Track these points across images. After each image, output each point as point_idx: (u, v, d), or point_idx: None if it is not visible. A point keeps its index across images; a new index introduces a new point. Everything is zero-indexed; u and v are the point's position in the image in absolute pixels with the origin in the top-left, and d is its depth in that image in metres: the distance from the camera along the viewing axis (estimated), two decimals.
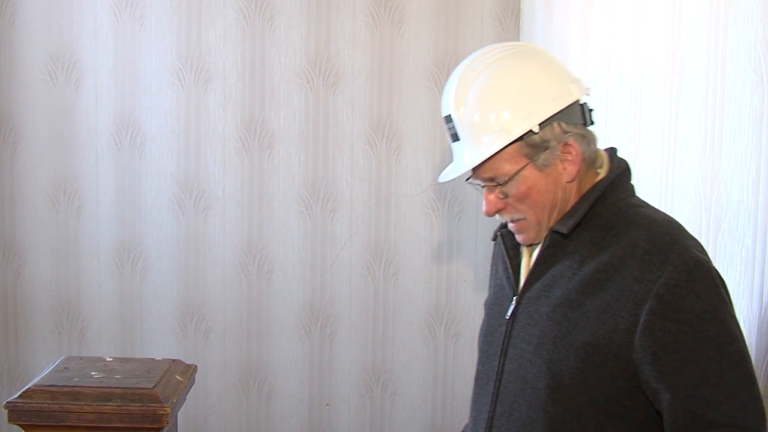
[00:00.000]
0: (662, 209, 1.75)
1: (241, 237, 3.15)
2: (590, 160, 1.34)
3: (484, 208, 1.35)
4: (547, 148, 1.29)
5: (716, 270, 1.23)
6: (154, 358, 2.28)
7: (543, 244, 1.35)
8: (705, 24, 1.56)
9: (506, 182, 1.30)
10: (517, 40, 3.07)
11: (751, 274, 1.38)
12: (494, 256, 1.55)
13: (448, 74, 3.05)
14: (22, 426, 1.94)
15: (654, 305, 1.18)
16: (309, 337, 3.19)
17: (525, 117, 1.28)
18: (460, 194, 3.14)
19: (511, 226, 1.37)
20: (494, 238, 1.51)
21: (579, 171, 1.31)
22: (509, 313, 1.37)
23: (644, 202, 1.35)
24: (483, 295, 1.70)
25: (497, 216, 1.37)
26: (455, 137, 1.34)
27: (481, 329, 1.50)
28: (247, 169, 3.12)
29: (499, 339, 1.38)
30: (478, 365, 1.47)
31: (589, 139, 1.33)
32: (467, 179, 1.38)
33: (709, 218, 1.53)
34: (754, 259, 1.37)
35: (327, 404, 3.21)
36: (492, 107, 1.29)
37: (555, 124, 1.29)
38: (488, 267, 3.16)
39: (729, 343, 1.18)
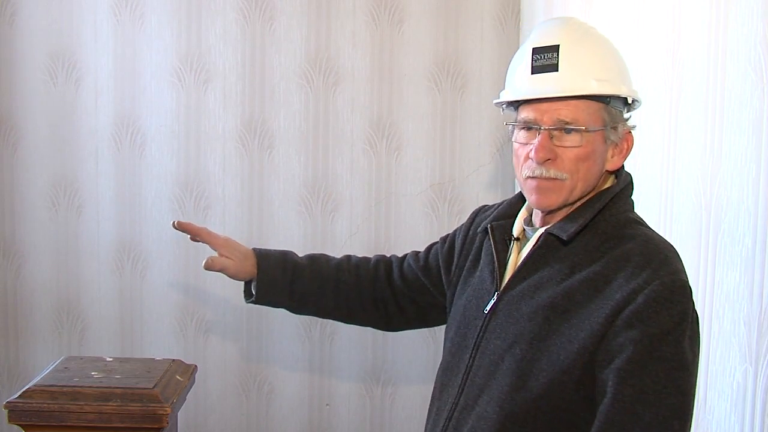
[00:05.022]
0: (662, 209, 1.75)
1: (241, 237, 3.15)
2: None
3: (537, 153, 1.29)
4: (615, 127, 1.30)
5: (694, 306, 1.22)
6: (154, 358, 2.28)
7: (535, 243, 1.33)
8: (705, 24, 1.56)
9: (586, 131, 1.27)
10: (518, 40, 3.07)
11: (751, 274, 1.38)
12: (470, 246, 1.54)
13: (448, 74, 3.09)
14: (22, 426, 1.94)
15: (628, 311, 1.17)
16: (309, 337, 3.19)
17: (625, 84, 1.32)
18: (460, 194, 3.14)
19: (538, 182, 1.31)
20: (471, 225, 1.53)
21: (619, 168, 1.34)
22: (488, 308, 1.36)
23: (643, 220, 1.35)
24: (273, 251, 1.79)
25: (528, 168, 1.31)
26: (549, 68, 1.30)
27: (453, 320, 1.49)
28: (247, 169, 3.12)
29: (473, 332, 1.38)
30: (447, 356, 1.46)
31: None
32: (509, 123, 1.37)
33: (709, 218, 1.53)
34: (754, 259, 1.37)
35: (327, 404, 3.21)
36: (608, 59, 1.32)
37: (625, 112, 1.34)
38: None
39: (681, 371, 1.15)
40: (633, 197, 1.39)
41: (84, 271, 3.15)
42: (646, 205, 1.81)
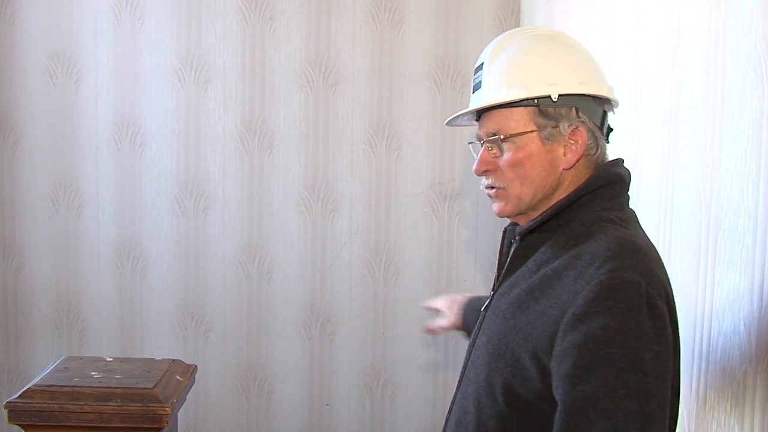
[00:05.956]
0: (662, 209, 1.75)
1: (241, 237, 3.15)
2: (593, 164, 1.34)
3: (476, 167, 1.36)
4: (556, 125, 1.30)
5: (657, 300, 1.15)
6: (154, 358, 2.28)
7: (517, 243, 1.37)
8: (705, 24, 1.56)
9: (507, 138, 1.30)
10: None
11: (751, 274, 1.38)
12: None
13: (448, 74, 3.09)
14: (22, 426, 1.94)
15: (570, 314, 1.15)
16: (309, 337, 3.19)
17: (549, 84, 1.30)
18: (460, 194, 3.14)
19: (489, 191, 1.37)
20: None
21: (578, 165, 1.31)
22: (483, 307, 1.42)
23: (625, 218, 1.31)
24: (483, 295, 1.74)
25: (482, 180, 1.38)
26: (478, 87, 1.38)
27: None
28: (247, 169, 3.12)
29: (475, 331, 1.44)
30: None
31: (599, 142, 1.33)
32: (471, 143, 1.40)
33: (709, 218, 1.53)
34: (754, 259, 1.37)
35: (327, 404, 3.21)
36: (522, 64, 1.32)
37: (573, 108, 1.30)
38: (488, 267, 3.17)
39: (632, 372, 1.10)
40: (624, 194, 1.37)
41: (84, 271, 3.15)
42: (646, 205, 1.81)
